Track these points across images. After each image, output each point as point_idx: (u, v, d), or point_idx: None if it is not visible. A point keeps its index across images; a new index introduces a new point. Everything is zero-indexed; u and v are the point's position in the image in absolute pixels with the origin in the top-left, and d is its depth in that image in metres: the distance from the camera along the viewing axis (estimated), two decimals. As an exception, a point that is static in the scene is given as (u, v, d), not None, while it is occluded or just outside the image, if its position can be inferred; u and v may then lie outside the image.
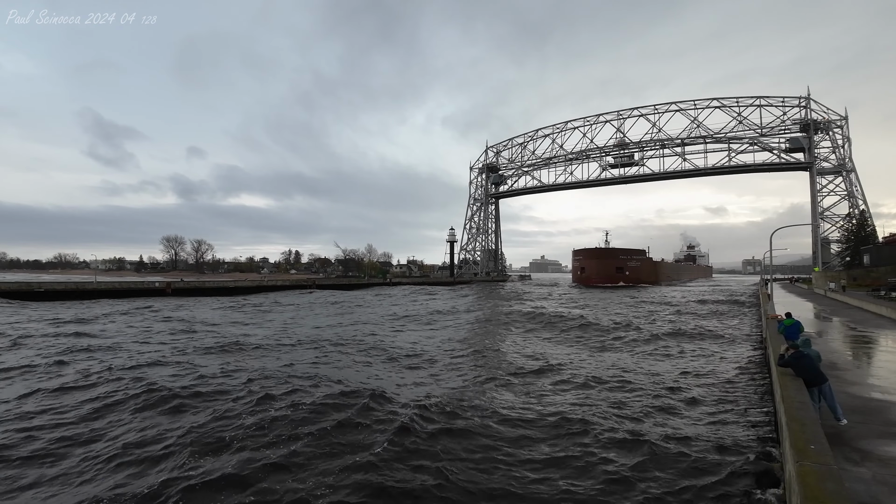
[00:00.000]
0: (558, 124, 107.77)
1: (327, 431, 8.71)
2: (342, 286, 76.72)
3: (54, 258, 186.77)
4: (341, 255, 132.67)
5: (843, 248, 70.04)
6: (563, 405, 10.92)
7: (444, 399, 10.92)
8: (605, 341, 21.40)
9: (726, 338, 22.07)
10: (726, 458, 7.54)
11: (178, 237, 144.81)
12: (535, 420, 9.78)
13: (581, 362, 16.49)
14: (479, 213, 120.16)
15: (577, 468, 7.48)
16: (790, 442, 5.21)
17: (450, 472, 7.19)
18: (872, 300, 27.98)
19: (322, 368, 14.53)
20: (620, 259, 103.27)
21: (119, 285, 51.77)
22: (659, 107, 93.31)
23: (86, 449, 8.22)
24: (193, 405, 10.53)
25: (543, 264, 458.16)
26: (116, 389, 11.78)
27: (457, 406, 10.49)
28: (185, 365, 14.74)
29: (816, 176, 78.29)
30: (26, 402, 10.96)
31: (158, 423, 9.47)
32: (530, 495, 6.61)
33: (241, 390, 11.56)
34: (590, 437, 8.70)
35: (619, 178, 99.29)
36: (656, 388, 12.48)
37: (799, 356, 7.88)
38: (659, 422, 9.72)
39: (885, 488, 4.98)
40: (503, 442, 8.58)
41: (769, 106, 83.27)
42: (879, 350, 13.90)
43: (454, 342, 20.99)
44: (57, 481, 7.06)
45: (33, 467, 7.54)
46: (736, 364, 15.80)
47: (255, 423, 9.10)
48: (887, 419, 7.27)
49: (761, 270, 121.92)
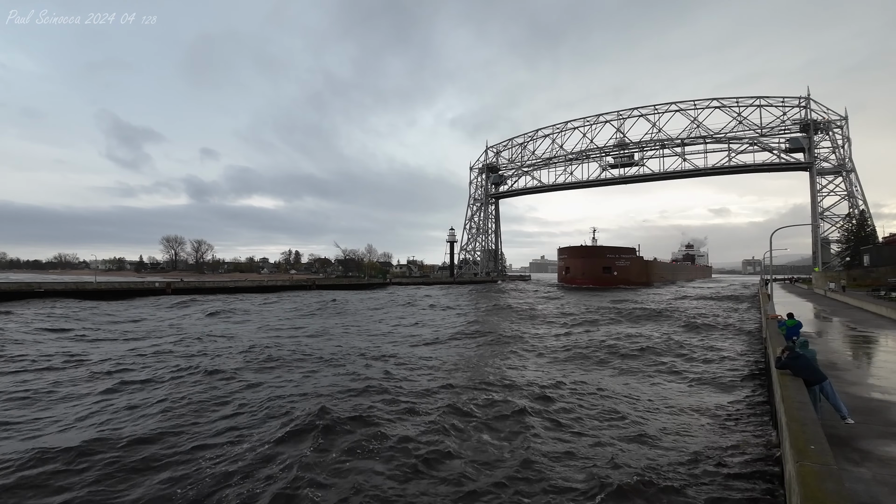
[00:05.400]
0: (558, 124, 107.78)
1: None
2: (341, 286, 76.87)
3: (54, 258, 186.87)
4: (341, 255, 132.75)
5: (843, 249, 70.00)
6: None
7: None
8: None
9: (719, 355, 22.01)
10: (726, 459, 7.54)
11: (178, 237, 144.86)
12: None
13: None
14: (479, 214, 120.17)
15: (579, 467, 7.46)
16: (790, 442, 5.20)
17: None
18: (872, 300, 27.95)
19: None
20: (608, 258, 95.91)
21: (119, 285, 51.79)
22: (659, 107, 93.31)
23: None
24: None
25: (543, 264, 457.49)
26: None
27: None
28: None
29: (816, 176, 78.22)
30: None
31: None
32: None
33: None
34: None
35: (619, 179, 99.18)
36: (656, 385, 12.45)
37: (795, 357, 7.89)
38: (658, 421, 9.71)
39: (885, 488, 4.97)
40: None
41: (769, 106, 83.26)
42: (879, 350, 13.88)
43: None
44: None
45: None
46: (735, 364, 15.79)
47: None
48: (887, 419, 7.26)
49: (761, 270, 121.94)
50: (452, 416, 9.78)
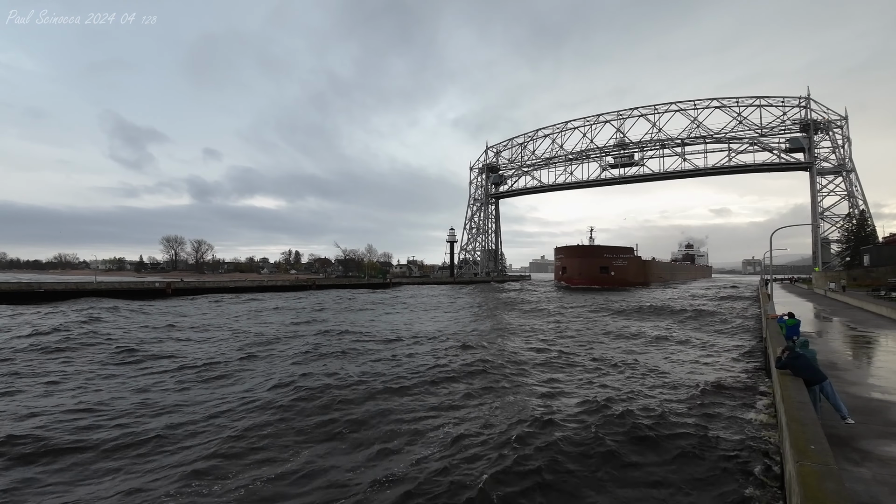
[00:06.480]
0: (558, 124, 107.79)
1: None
2: (341, 286, 76.86)
3: (54, 258, 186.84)
4: (341, 255, 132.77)
5: (843, 249, 69.98)
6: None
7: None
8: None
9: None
10: (726, 458, 7.54)
11: (178, 237, 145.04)
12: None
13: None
14: (479, 214, 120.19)
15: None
16: (790, 442, 5.21)
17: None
18: (872, 300, 27.97)
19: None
20: (605, 258, 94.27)
21: (119, 285, 51.75)
22: (659, 107, 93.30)
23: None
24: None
25: (543, 264, 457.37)
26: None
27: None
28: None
29: (816, 176, 78.24)
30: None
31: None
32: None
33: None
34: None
35: (619, 179, 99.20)
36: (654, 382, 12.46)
37: (795, 356, 7.89)
38: (658, 420, 9.70)
39: (885, 488, 4.97)
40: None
41: (769, 106, 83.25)
42: (879, 350, 13.89)
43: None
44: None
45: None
46: (735, 364, 15.78)
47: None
48: (887, 419, 7.27)
49: (761, 270, 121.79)
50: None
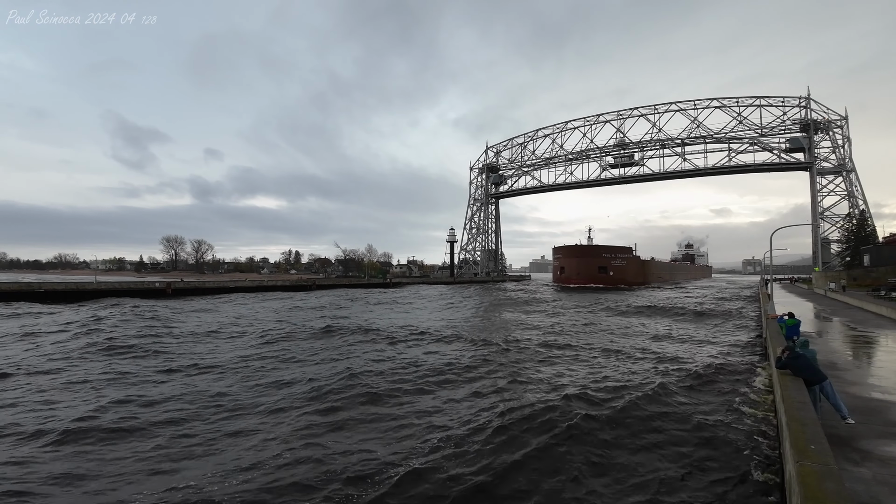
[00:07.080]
0: (558, 124, 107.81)
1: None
2: (342, 286, 76.90)
3: (54, 258, 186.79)
4: (341, 255, 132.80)
5: (843, 249, 69.99)
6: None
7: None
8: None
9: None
10: (726, 459, 7.53)
11: (178, 237, 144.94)
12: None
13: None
14: (479, 214, 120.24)
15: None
16: (790, 442, 5.20)
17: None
18: (872, 300, 27.97)
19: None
20: (603, 258, 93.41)
21: (119, 285, 51.76)
22: (659, 107, 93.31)
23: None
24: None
25: (543, 264, 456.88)
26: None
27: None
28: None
29: (816, 176, 78.26)
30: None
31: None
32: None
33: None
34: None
35: (619, 178, 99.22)
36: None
37: (795, 356, 7.89)
38: (659, 420, 9.71)
39: (885, 488, 4.97)
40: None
41: (769, 106, 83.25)
42: (879, 350, 13.88)
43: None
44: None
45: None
46: (734, 363, 15.77)
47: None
48: (887, 419, 7.26)
49: (761, 270, 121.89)
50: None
